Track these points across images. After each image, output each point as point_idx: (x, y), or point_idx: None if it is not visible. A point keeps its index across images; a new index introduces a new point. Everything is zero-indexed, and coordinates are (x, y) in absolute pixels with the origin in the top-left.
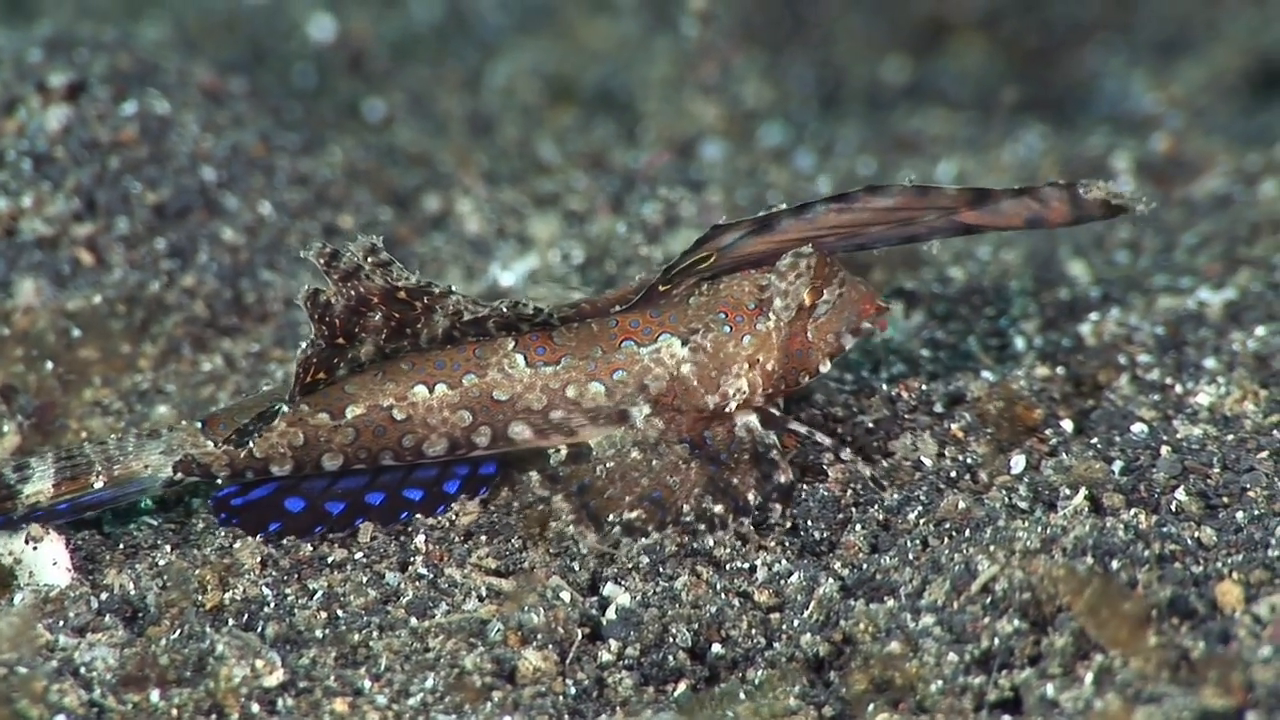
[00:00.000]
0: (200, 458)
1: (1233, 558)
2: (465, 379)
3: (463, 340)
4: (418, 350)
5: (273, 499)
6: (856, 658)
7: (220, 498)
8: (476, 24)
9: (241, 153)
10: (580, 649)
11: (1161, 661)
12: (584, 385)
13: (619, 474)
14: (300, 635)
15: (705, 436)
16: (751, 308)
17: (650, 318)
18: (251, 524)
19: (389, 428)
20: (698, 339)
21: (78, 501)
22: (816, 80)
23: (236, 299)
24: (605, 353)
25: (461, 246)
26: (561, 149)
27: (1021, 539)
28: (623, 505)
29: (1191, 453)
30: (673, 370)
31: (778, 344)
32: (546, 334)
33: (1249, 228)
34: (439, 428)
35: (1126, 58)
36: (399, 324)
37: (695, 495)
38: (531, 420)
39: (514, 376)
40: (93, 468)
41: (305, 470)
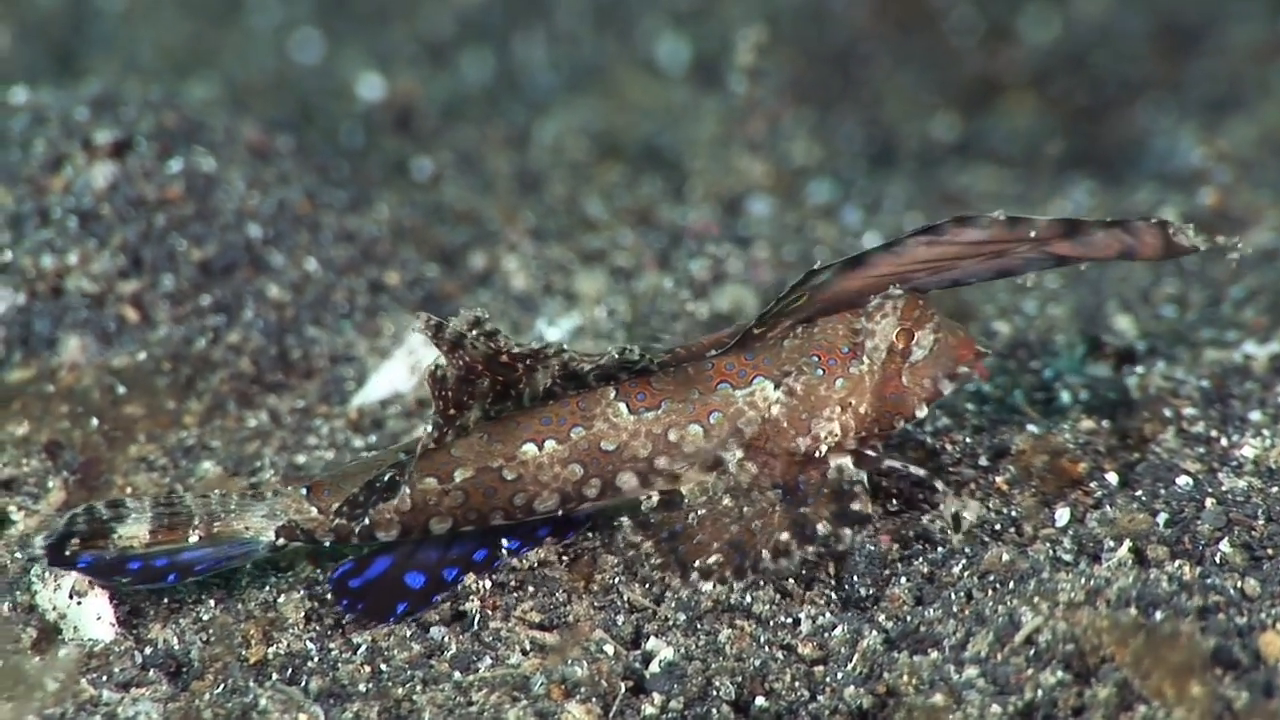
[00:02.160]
0: (304, 524)
1: (1277, 609)
2: (573, 432)
3: (564, 394)
4: (521, 409)
5: (391, 576)
6: (900, 710)
7: (338, 579)
8: (526, 84)
9: (287, 210)
10: (624, 702)
11: (1205, 712)
12: (684, 428)
13: (710, 520)
14: (344, 689)
15: (799, 481)
16: (845, 351)
17: (745, 360)
18: (377, 609)
19: (499, 488)
20: (790, 381)
21: (177, 560)
22: (865, 138)
23: (282, 355)
24: (702, 395)
25: (508, 303)
26: (608, 206)
27: (1065, 590)
28: (709, 551)
29: (1236, 505)
30: (764, 413)
31: (870, 387)
32: (645, 380)
33: None
34: (550, 484)
35: (1176, 116)
36: (504, 386)
37: (777, 540)
38: (638, 468)
39: (619, 425)
40: (191, 520)
41: (413, 534)
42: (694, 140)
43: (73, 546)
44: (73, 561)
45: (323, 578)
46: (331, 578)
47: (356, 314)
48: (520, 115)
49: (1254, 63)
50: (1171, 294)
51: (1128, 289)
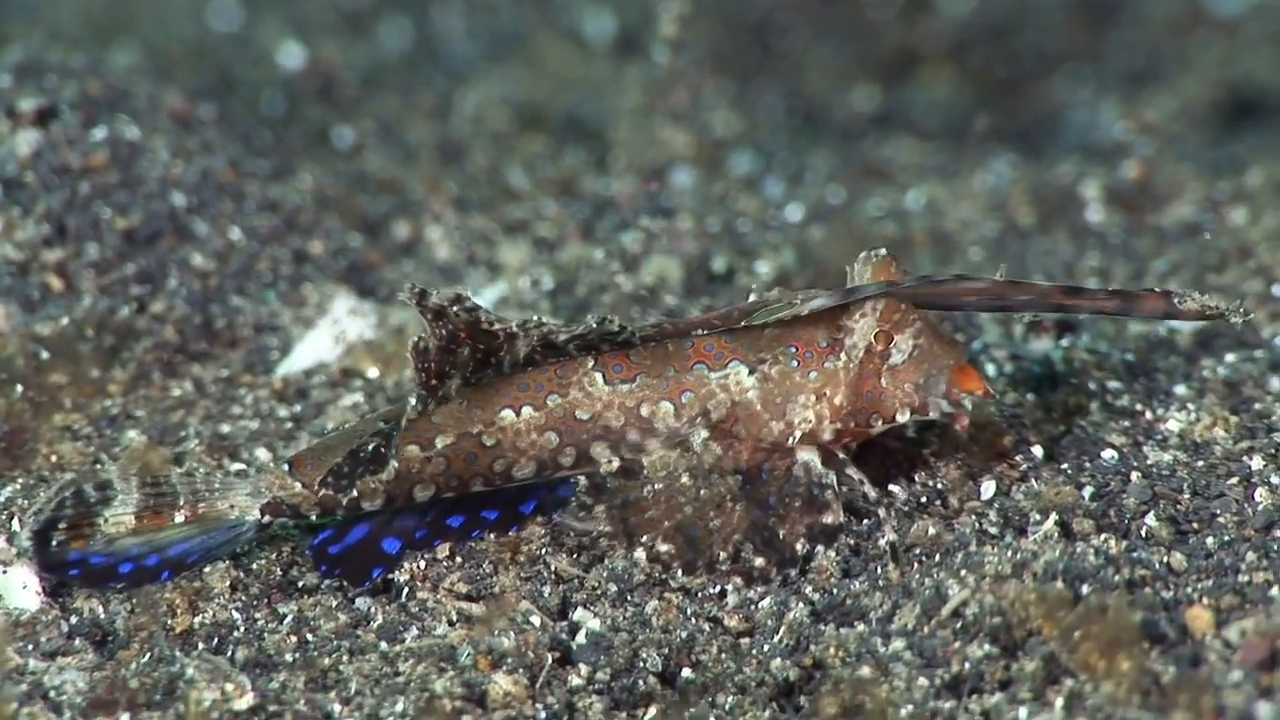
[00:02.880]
0: (289, 499)
1: (1203, 583)
2: (549, 400)
3: (543, 362)
4: (501, 376)
5: (369, 542)
6: (827, 682)
7: (317, 546)
8: (445, 53)
9: (211, 178)
10: (550, 673)
11: (1132, 686)
12: (656, 404)
13: (664, 496)
14: (270, 659)
15: (762, 469)
16: (823, 345)
17: (725, 344)
18: (354, 573)
19: (479, 454)
20: (764, 369)
21: (168, 556)
22: (785, 109)
23: (206, 324)
24: (677, 373)
25: (431, 273)
26: (531, 176)
27: (992, 564)
28: (660, 529)
29: (1162, 478)
30: (735, 397)
31: (846, 382)
32: (624, 353)
33: (1218, 255)
34: (528, 450)
35: (1095, 88)
36: (484, 354)
37: (735, 542)
38: (610, 440)
39: (594, 395)
40: (176, 501)
41: (397, 503)
42: (617, 111)
43: (58, 536)
44: (64, 569)
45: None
46: (312, 544)
47: (281, 283)
48: (441, 84)
49: (1172, 35)
50: (1095, 267)
51: (1052, 263)
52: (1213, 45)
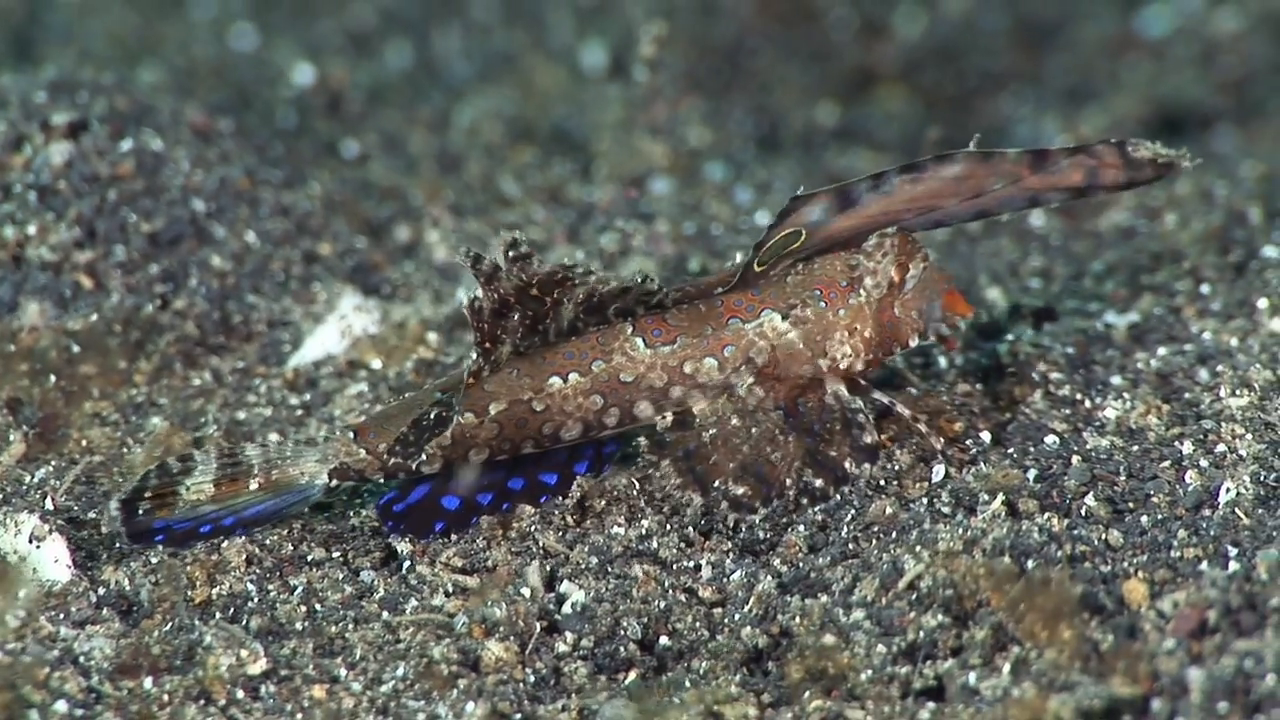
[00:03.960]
0: (355, 464)
1: (1138, 558)
2: (594, 366)
3: (585, 330)
4: (547, 345)
5: (430, 500)
6: (793, 649)
7: (383, 505)
8: (444, 71)
9: (229, 186)
10: (539, 641)
11: (1074, 653)
12: (699, 361)
13: (721, 440)
14: (282, 627)
15: (799, 403)
16: (844, 285)
17: (752, 296)
18: (418, 527)
19: (530, 419)
20: (798, 312)
21: (244, 515)
22: (754, 123)
23: (224, 320)
24: (715, 330)
25: (430, 273)
26: (522, 184)
27: (945, 540)
28: (726, 471)
29: (1100, 462)
30: (775, 342)
31: (870, 315)
32: (659, 316)
33: (1151, 257)
34: (574, 413)
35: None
36: (533, 321)
37: (796, 469)
38: (653, 398)
39: (636, 359)
40: (251, 470)
41: (452, 466)
42: (600, 125)
43: (144, 505)
44: (150, 535)
45: None
46: (378, 504)
47: (292, 282)
48: (439, 101)
49: (1106, 57)
50: (1038, 268)
51: (998, 263)
52: (1142, 66)
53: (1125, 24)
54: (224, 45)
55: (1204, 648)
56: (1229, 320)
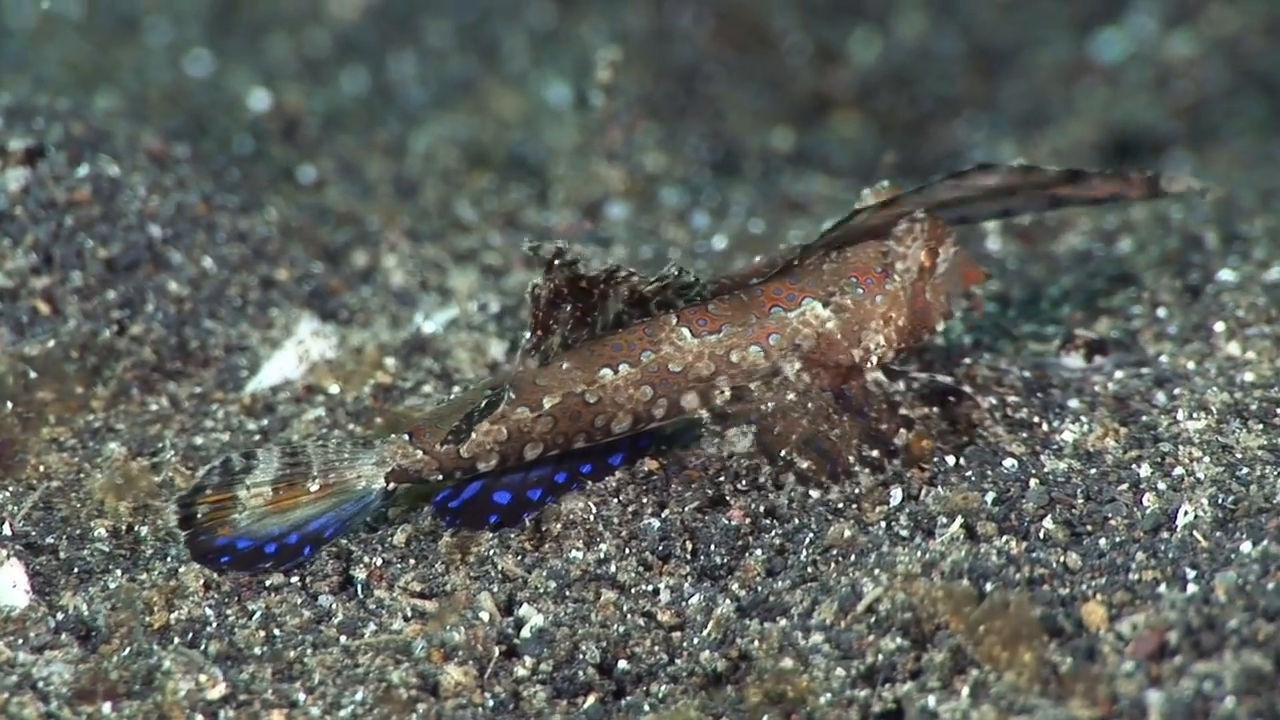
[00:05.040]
0: (412, 466)
1: (1096, 581)
2: (643, 356)
3: (630, 323)
4: (595, 338)
5: (482, 496)
6: (752, 673)
7: (439, 502)
8: (399, 97)
9: (186, 212)
10: (498, 665)
11: (1033, 676)
12: (745, 349)
13: (780, 412)
14: (240, 652)
15: (844, 389)
16: (879, 271)
17: (791, 285)
18: (473, 521)
19: (583, 411)
20: (837, 299)
21: (307, 531)
22: (709, 149)
23: (181, 345)
24: (759, 319)
25: (387, 298)
26: (478, 209)
27: (903, 563)
28: (789, 443)
29: (1058, 485)
30: (819, 329)
31: (905, 302)
32: (702, 307)
33: (1107, 281)
34: (625, 405)
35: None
36: (581, 314)
37: (855, 445)
38: (700, 388)
39: (684, 348)
40: (310, 470)
41: (508, 463)
42: (556, 150)
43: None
44: (215, 556)
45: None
46: (434, 501)
47: (249, 307)
48: (395, 126)
49: (1060, 82)
50: (995, 291)
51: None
52: (1096, 91)
53: (1079, 49)
54: (179, 71)
55: (1163, 670)
56: (1186, 344)
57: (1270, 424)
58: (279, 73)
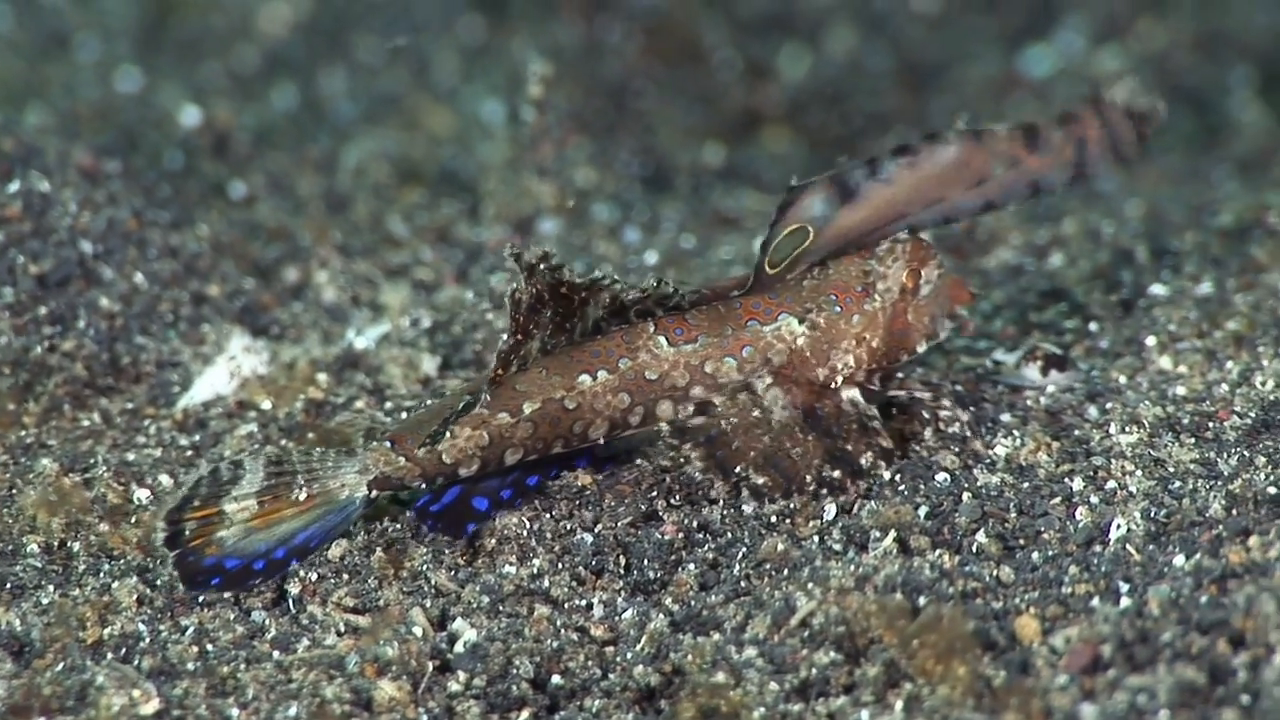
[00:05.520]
0: (394, 473)
1: (1030, 594)
2: (621, 363)
3: (608, 330)
4: (573, 344)
5: (461, 502)
6: (685, 687)
7: (420, 507)
8: (330, 113)
9: (117, 227)
10: (431, 680)
11: (967, 689)
12: (719, 360)
13: (742, 429)
14: (174, 667)
15: (816, 408)
16: (859, 290)
17: (769, 300)
18: (452, 527)
19: (562, 417)
20: (813, 316)
21: (293, 545)
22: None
23: (113, 361)
24: (734, 330)
25: (319, 313)
26: (410, 225)
27: (837, 577)
28: (747, 459)
29: (990, 499)
30: (792, 345)
31: (883, 324)
32: (680, 317)
33: (1038, 295)
34: (603, 411)
35: None
36: (561, 320)
37: (816, 466)
38: (675, 397)
39: (661, 356)
40: (295, 479)
41: (490, 468)
42: (487, 165)
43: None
44: (205, 578)
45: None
46: (415, 507)
47: (181, 323)
48: (326, 142)
49: (990, 97)
50: None
51: None
52: (1026, 105)
53: (1008, 65)
54: (109, 88)
55: (1097, 684)
56: (1118, 358)
57: (1202, 437)
58: (209, 89)
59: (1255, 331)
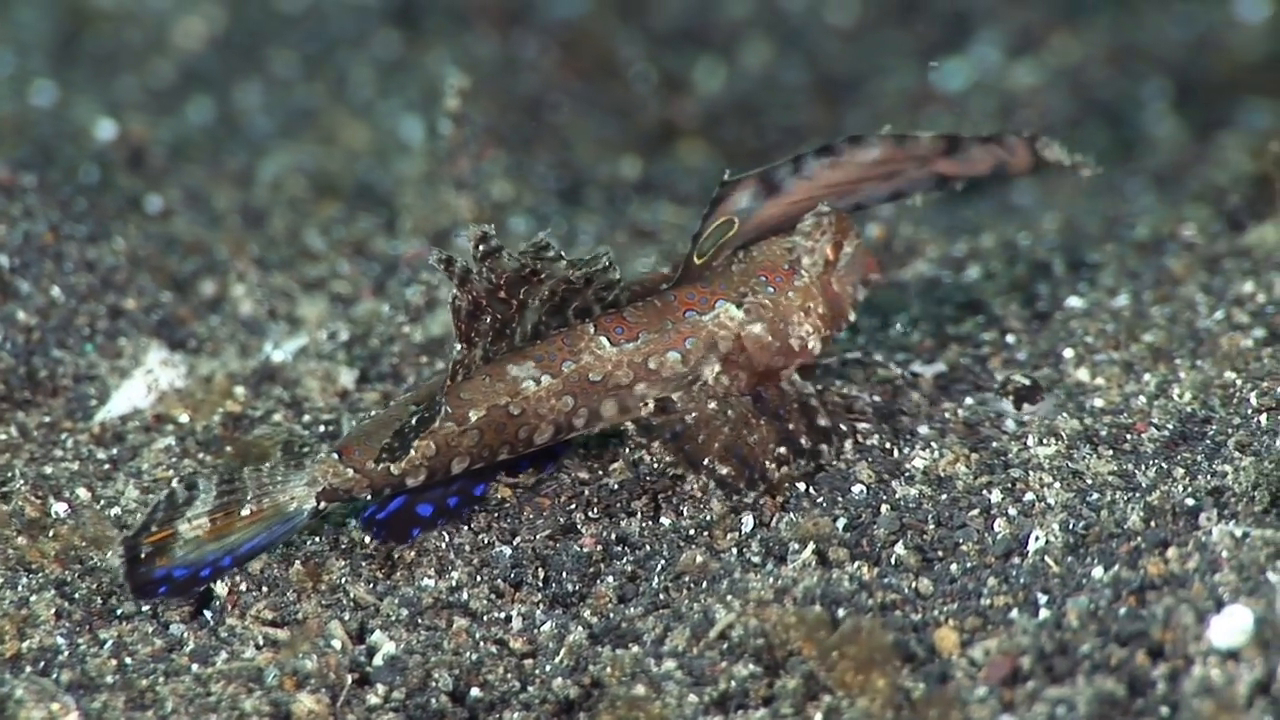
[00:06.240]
0: (343, 485)
1: (949, 606)
2: (564, 366)
3: (548, 333)
4: (514, 350)
5: (406, 509)
6: (604, 700)
7: (366, 518)
8: (246, 127)
9: (33, 241)
10: (350, 693)
11: (886, 702)
12: (663, 355)
13: (703, 421)
14: (92, 681)
15: (760, 390)
16: (786, 268)
17: (702, 289)
18: (398, 534)
19: (508, 423)
20: (750, 300)
21: (239, 553)
22: (557, 177)
23: (30, 375)
24: (674, 324)
25: (236, 327)
26: (327, 238)
27: (756, 589)
28: (712, 451)
29: (909, 511)
30: (737, 330)
31: (818, 293)
32: (619, 315)
33: (955, 308)
34: (548, 415)
35: None
36: (500, 325)
37: (770, 449)
38: (619, 396)
39: (604, 357)
40: (245, 496)
41: (436, 478)
42: (404, 179)
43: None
44: (154, 588)
45: (71, 578)
46: (362, 518)
47: (98, 337)
48: (242, 156)
49: (905, 110)
50: None
51: None
52: (941, 119)
53: (923, 79)
54: (24, 102)
55: (1016, 695)
56: (1035, 370)
57: (1120, 449)
58: (124, 103)
59: (1172, 344)
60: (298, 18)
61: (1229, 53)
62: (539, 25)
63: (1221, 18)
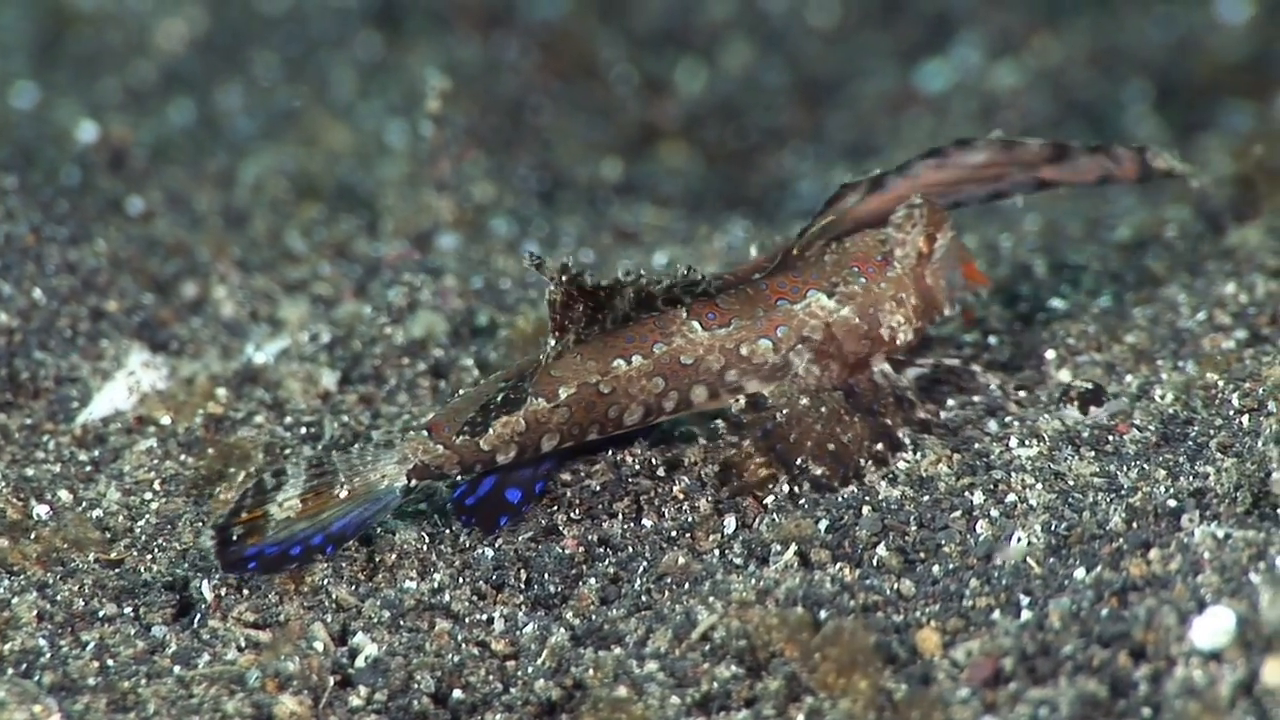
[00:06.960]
0: (433, 462)
1: (931, 607)
2: (655, 348)
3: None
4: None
5: (495, 494)
6: (586, 701)
7: (456, 500)
8: (227, 129)
9: (14, 243)
10: (333, 695)
11: (868, 703)
12: (754, 342)
13: (795, 419)
14: (74, 683)
15: (852, 383)
16: (879, 259)
17: (794, 278)
18: (487, 522)
19: (597, 402)
20: (842, 289)
21: (331, 531)
22: (538, 179)
23: (11, 377)
24: (766, 311)
25: (218, 329)
26: (308, 240)
27: (738, 591)
28: (805, 450)
29: (891, 512)
30: (827, 320)
31: (910, 285)
32: (711, 302)
33: None
34: (638, 396)
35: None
36: (593, 311)
37: (865, 446)
38: (709, 381)
39: (695, 341)
40: (337, 477)
41: (527, 454)
42: (385, 180)
43: (237, 529)
44: (244, 564)
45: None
46: (452, 498)
47: (80, 339)
48: (224, 158)
49: (886, 113)
50: None
51: None
52: (922, 120)
53: (904, 80)
54: (5, 103)
55: (998, 696)
56: (1017, 371)
57: (1102, 451)
58: (106, 104)
59: (1154, 345)
60: (279, 19)
61: (1210, 54)
62: (520, 27)
63: (1202, 19)
